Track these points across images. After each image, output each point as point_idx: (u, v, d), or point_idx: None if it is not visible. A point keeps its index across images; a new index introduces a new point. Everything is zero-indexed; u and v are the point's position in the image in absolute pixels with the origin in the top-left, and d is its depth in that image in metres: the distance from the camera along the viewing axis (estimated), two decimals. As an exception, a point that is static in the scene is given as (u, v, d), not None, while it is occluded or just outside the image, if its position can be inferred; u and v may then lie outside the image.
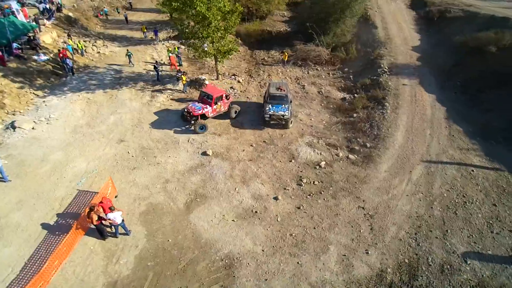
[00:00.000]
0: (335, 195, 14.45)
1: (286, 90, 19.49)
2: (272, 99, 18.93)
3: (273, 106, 18.56)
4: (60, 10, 32.07)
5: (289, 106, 18.68)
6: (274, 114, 18.29)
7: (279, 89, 19.39)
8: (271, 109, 18.43)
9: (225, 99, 19.50)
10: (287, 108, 18.46)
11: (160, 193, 14.54)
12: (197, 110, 18.47)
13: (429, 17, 28.93)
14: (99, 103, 21.24)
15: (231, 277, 11.23)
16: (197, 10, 18.22)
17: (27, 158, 16.50)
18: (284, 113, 18.21)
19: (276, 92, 19.18)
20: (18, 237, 12.53)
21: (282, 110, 18.32)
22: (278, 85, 19.93)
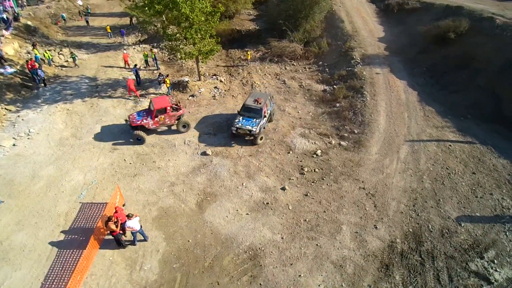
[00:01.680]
0: (337, 180, 15.40)
1: (264, 103, 17.93)
2: (245, 111, 17.89)
3: (243, 119, 17.54)
4: (17, 19, 29.94)
5: (261, 121, 17.44)
6: (241, 128, 17.11)
7: (256, 101, 18.00)
8: (239, 122, 17.36)
9: (171, 112, 17.94)
10: (257, 124, 17.20)
11: (169, 197, 14.55)
12: (136, 120, 17.79)
13: (389, 10, 31.11)
14: (80, 113, 20.42)
15: (258, 266, 11.70)
16: (182, 12, 18.20)
17: (15, 177, 15.63)
18: (251, 128, 16.99)
19: (251, 104, 17.88)
20: (27, 258, 12.02)
21: (251, 124, 17.12)
22: (257, 97, 18.53)
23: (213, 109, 20.93)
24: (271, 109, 19.10)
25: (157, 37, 30.57)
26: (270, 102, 19.15)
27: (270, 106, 18.93)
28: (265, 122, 18.20)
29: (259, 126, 17.26)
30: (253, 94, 19.30)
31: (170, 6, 18.46)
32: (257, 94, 19.45)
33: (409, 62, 24.35)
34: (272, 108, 19.19)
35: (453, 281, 11.37)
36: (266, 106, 18.25)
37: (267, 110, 18.37)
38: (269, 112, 18.67)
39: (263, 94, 19.44)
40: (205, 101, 21.85)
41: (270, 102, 19.14)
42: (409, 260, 12.09)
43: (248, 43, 31.92)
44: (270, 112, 18.86)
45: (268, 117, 18.60)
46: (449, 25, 22.79)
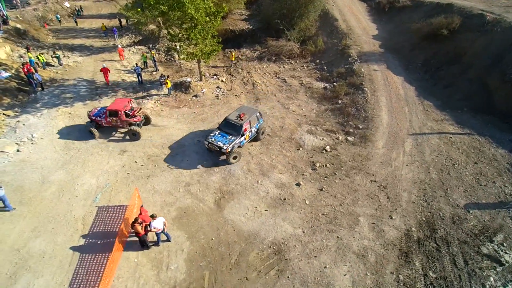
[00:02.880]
0: (348, 174, 15.84)
1: (247, 119, 16.52)
2: (224, 125, 16.83)
3: (219, 134, 16.55)
4: (6, 22, 29.03)
5: (237, 139, 16.12)
6: (212, 143, 16.16)
7: (238, 117, 16.64)
8: (213, 137, 16.42)
9: (123, 117, 17.63)
10: (230, 141, 15.99)
11: (186, 196, 14.59)
12: (93, 115, 18.15)
13: (380, 8, 31.97)
14: (82, 117, 20.07)
15: (284, 260, 11.95)
16: (187, 12, 18.22)
17: (24, 183, 15.29)
18: (222, 145, 15.86)
19: (232, 119, 16.60)
20: (48, 265, 11.85)
21: (224, 141, 16.02)
22: (243, 111, 17.14)
23: (218, 109, 21.04)
24: (258, 127, 17.41)
25: (152, 39, 30.35)
26: (258, 119, 17.46)
27: (256, 123, 17.24)
28: (243, 141, 16.68)
29: (231, 144, 15.86)
30: (240, 108, 17.98)
31: (175, 6, 18.42)
32: (244, 108, 17.89)
33: (404, 58, 25.14)
34: (259, 125, 17.50)
35: (468, 264, 11.97)
36: (250, 123, 16.69)
37: (250, 127, 16.83)
38: (253, 130, 17.19)
39: (251, 110, 17.60)
40: (209, 101, 21.91)
41: (258, 119, 17.44)
42: (426, 247, 12.62)
43: (243, 43, 32.13)
44: (255, 130, 17.37)
45: (251, 135, 17.28)
46: (441, 22, 23.68)
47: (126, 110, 18.05)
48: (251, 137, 17.47)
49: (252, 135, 17.47)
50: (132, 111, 18.38)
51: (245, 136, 16.71)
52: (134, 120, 18.00)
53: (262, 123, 17.92)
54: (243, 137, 16.60)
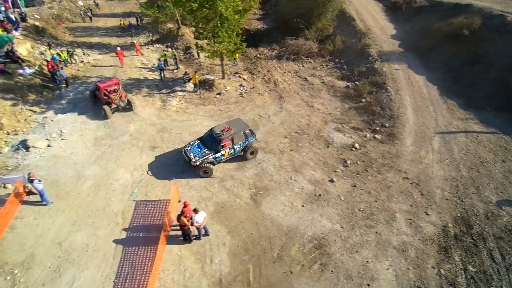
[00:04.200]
0: (380, 171, 15.96)
1: (230, 135, 15.44)
2: (205, 137, 16.14)
3: (196, 145, 15.86)
4: (24, 19, 29.17)
5: (209, 155, 15.22)
6: (185, 153, 15.60)
7: (223, 130, 15.60)
8: (189, 146, 15.94)
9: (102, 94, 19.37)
10: (202, 155, 15.17)
11: (222, 192, 14.71)
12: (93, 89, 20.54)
13: (396, 8, 32.15)
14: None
15: (326, 254, 12.07)
16: (217, 10, 18.39)
17: (59, 178, 15.43)
18: (193, 157, 15.10)
19: (215, 131, 15.67)
20: (93, 258, 11.96)
21: (196, 153, 15.28)
22: (232, 125, 16.02)
23: (243, 107, 21.16)
24: (245, 145, 16.01)
25: (171, 37, 30.51)
26: (247, 136, 15.93)
27: (243, 141, 15.87)
28: (220, 157, 15.67)
29: (201, 158, 15.02)
30: (232, 121, 16.83)
31: (205, 4, 18.57)
32: (234, 122, 16.51)
33: (424, 58, 25.27)
34: (247, 143, 16.04)
35: (505, 259, 12.10)
36: (232, 139, 15.49)
37: (233, 144, 15.64)
38: (237, 148, 15.89)
39: (241, 126, 16.09)
40: (233, 99, 22.04)
41: (246, 137, 15.92)
42: (463, 242, 12.74)
43: (259, 42, 32.27)
44: (241, 148, 16.05)
45: (234, 152, 15.99)
46: (462, 22, 23.84)
47: (108, 89, 19.56)
48: (233, 155, 16.07)
49: (235, 153, 16.04)
50: (112, 92, 19.57)
51: (223, 153, 15.61)
52: (109, 101, 19.39)
53: (251, 142, 16.17)
54: (220, 153, 15.54)
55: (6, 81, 21.08)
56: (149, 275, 11.12)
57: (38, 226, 13.09)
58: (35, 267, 11.65)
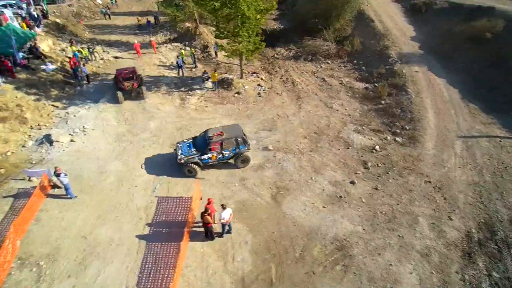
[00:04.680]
0: (401, 174, 15.80)
1: (221, 139, 15.21)
2: (199, 137, 16.25)
3: (188, 143, 16.04)
4: (46, 16, 29.78)
5: (195, 156, 15.19)
6: (176, 149, 15.87)
7: (215, 134, 15.40)
8: (181, 143, 16.15)
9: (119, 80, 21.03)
10: (188, 154, 15.27)
11: (242, 191, 14.77)
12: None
13: (416, 9, 31.77)
14: (130, 110, 20.51)
15: (348, 256, 12.00)
16: (240, 9, 18.49)
17: (82, 173, 15.70)
18: (179, 155, 15.23)
19: (209, 133, 15.60)
20: (117, 252, 12.11)
21: (183, 151, 15.45)
22: (225, 130, 15.73)
23: (262, 106, 21.22)
24: (235, 152, 15.57)
25: (188, 36, 30.75)
26: (238, 144, 15.45)
27: (233, 147, 15.47)
28: (206, 160, 15.45)
29: (186, 157, 15.11)
30: (228, 126, 16.53)
31: (227, 3, 18.68)
32: (231, 128, 16.19)
33: (445, 60, 24.93)
34: (237, 151, 15.59)
35: (531, 267, 11.85)
36: (221, 144, 15.23)
37: (221, 149, 15.36)
38: (226, 153, 15.53)
39: (236, 132, 15.70)
40: (251, 98, 22.10)
41: (237, 144, 15.46)
42: (487, 248, 12.51)
43: (276, 42, 32.24)
44: (230, 154, 15.64)
45: (222, 157, 15.63)
46: (485, 25, 23.46)
47: (123, 76, 21.25)
48: (221, 160, 15.71)
49: (224, 158, 15.68)
50: (126, 80, 21.10)
51: (210, 156, 15.39)
52: (122, 87, 20.87)
53: (243, 150, 15.67)
54: (207, 156, 15.35)
55: (29, 76, 21.56)
56: (173, 271, 11.24)
57: (63, 219, 13.35)
58: (60, 259, 11.86)
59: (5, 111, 18.73)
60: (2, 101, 19.02)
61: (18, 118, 18.83)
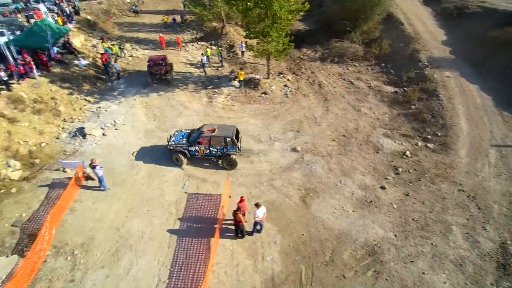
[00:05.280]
0: (433, 181, 15.43)
1: (212, 135, 15.38)
2: (193, 130, 16.69)
3: (181, 133, 16.72)
4: (78, 13, 30.66)
5: (184, 145, 15.76)
6: (169, 137, 16.58)
7: (211, 130, 15.65)
8: (178, 131, 16.93)
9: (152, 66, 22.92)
10: (177, 142, 15.96)
11: (271, 191, 14.77)
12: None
13: (447, 13, 30.99)
14: (159, 107, 20.84)
15: (379, 262, 11.81)
16: (272, 9, 18.53)
17: (114, 166, 16.08)
18: (170, 141, 16.07)
19: (204, 128, 15.98)
20: (149, 245, 12.33)
21: (176, 139, 16.19)
22: (218, 128, 15.86)
23: (288, 107, 21.17)
24: (222, 152, 15.60)
25: (215, 35, 31.01)
26: (226, 144, 15.39)
27: (220, 147, 15.51)
28: (193, 152, 15.83)
29: (176, 144, 15.81)
30: (224, 125, 16.66)
31: (260, 3, 18.74)
32: (226, 127, 16.17)
33: (477, 66, 24.21)
34: (224, 151, 15.58)
35: None
36: (210, 141, 15.42)
37: (209, 145, 15.54)
38: (212, 150, 15.64)
39: (227, 132, 15.58)
40: (278, 98, 22.09)
41: (226, 144, 15.41)
42: (524, 262, 12.07)
43: (301, 43, 32.08)
44: (217, 152, 15.71)
45: (209, 153, 15.83)
46: (523, 30, 22.66)
47: (154, 62, 22.99)
48: (208, 156, 15.94)
49: (210, 155, 15.86)
50: (156, 66, 22.89)
51: (197, 149, 15.67)
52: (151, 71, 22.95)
53: (231, 152, 15.56)
54: (194, 148, 15.67)
55: (63, 70, 22.24)
56: (203, 267, 11.37)
57: (97, 211, 13.70)
58: (94, 249, 12.19)
59: (40, 104, 19.39)
60: (37, 94, 19.71)
61: (52, 110, 19.47)
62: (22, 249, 12.13)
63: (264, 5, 18.86)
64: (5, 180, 15.10)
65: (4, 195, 14.31)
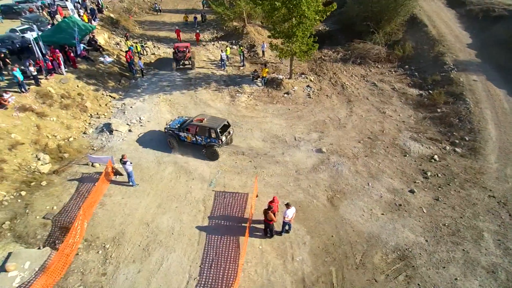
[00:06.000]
0: (463, 186, 15.15)
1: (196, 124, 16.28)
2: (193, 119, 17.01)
3: (180, 120, 17.68)
4: (101, 11, 31.10)
5: (175, 130, 16.86)
6: (171, 121, 17.96)
7: (202, 120, 16.48)
8: (179, 117, 18.27)
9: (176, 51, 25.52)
10: (171, 127, 17.09)
11: (297, 191, 14.72)
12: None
13: (472, 16, 30.35)
14: (182, 104, 21.01)
15: (411, 267, 11.65)
16: (301, 9, 18.49)
17: (141, 162, 16.26)
18: (167, 125, 17.50)
19: (200, 116, 16.98)
20: (178, 241, 12.43)
21: (171, 123, 17.46)
22: (208, 119, 16.79)
23: (312, 108, 21.08)
24: (206, 142, 16.33)
25: (236, 35, 31.08)
26: (209, 134, 16.10)
27: (205, 137, 16.27)
28: (182, 137, 16.86)
29: (170, 127, 17.17)
30: (215, 117, 17.41)
31: (287, 3, 18.71)
32: (216, 119, 16.92)
33: (504, 70, 23.62)
34: (208, 142, 16.28)
35: None
36: (196, 129, 16.27)
37: (195, 133, 16.39)
38: (198, 139, 16.49)
39: (214, 124, 16.17)
40: (301, 99, 22.02)
41: (209, 135, 16.12)
42: (559, 272, 11.75)
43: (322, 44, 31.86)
44: (202, 141, 16.47)
45: (195, 141, 16.66)
46: (554, 34, 22.05)
47: (178, 49, 25.49)
48: (194, 143, 16.77)
49: (197, 143, 16.69)
50: (180, 52, 25.39)
51: (185, 135, 16.76)
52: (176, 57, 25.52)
53: (213, 144, 16.21)
54: (183, 134, 16.77)
55: (89, 67, 22.59)
56: (234, 265, 11.41)
57: (126, 205, 13.88)
58: (125, 244, 12.35)
59: (68, 99, 19.74)
60: (65, 89, 20.08)
61: (79, 106, 19.81)
62: (54, 242, 12.35)
63: (292, 5, 18.79)
64: (35, 173, 15.41)
65: (34, 187, 14.60)
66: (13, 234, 12.46)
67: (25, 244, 12.15)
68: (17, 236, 12.42)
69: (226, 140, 16.64)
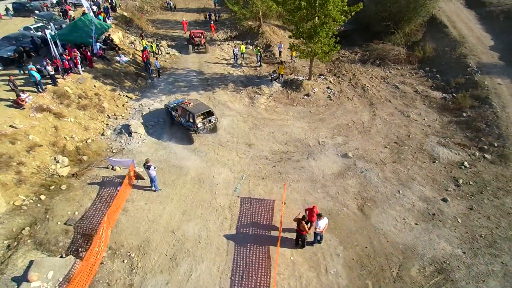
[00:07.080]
0: (496, 195, 14.60)
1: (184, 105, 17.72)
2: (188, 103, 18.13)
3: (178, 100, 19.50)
4: (114, 9, 30.68)
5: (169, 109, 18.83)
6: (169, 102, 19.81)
7: (189, 104, 17.90)
8: (184, 99, 19.49)
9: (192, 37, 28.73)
10: (168, 105, 18.97)
11: (326, 198, 14.24)
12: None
13: (493, 17, 29.62)
14: (201, 106, 20.47)
15: (450, 281, 11.14)
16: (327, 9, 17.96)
17: (162, 166, 15.86)
18: (168, 103, 19.47)
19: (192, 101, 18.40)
20: (206, 251, 11.98)
21: (170, 102, 19.45)
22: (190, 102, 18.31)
23: (334, 110, 20.57)
24: (187, 125, 17.67)
25: (250, 34, 30.56)
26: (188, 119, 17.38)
27: (186, 120, 17.54)
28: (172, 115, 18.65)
29: (165, 106, 19.32)
30: (200, 103, 18.65)
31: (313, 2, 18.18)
32: (200, 105, 18.18)
33: (529, 73, 23.01)
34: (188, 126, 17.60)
35: None
36: (182, 111, 17.66)
37: (181, 114, 17.83)
38: (182, 120, 17.88)
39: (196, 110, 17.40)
40: (321, 101, 21.50)
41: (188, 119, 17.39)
42: None
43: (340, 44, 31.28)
44: (186, 123, 17.68)
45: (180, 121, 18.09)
46: None
47: (194, 34, 28.72)
48: (181, 124, 18.15)
49: (182, 124, 18.07)
50: (196, 37, 28.49)
51: (175, 114, 18.36)
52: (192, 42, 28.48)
53: (189, 127, 17.59)
54: (174, 113, 18.34)
55: (105, 66, 22.18)
56: (266, 277, 10.96)
57: (150, 211, 13.46)
58: (151, 253, 11.92)
59: (85, 99, 19.35)
60: (82, 89, 19.69)
61: (97, 106, 19.42)
62: (77, 249, 11.96)
63: (318, 5, 18.25)
64: (54, 176, 15.01)
65: (54, 191, 14.22)
66: (34, 241, 12.06)
67: (46, 252, 11.76)
68: (38, 243, 12.01)
69: (204, 127, 17.46)
